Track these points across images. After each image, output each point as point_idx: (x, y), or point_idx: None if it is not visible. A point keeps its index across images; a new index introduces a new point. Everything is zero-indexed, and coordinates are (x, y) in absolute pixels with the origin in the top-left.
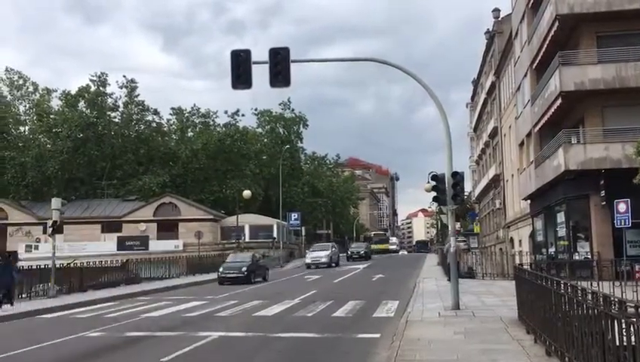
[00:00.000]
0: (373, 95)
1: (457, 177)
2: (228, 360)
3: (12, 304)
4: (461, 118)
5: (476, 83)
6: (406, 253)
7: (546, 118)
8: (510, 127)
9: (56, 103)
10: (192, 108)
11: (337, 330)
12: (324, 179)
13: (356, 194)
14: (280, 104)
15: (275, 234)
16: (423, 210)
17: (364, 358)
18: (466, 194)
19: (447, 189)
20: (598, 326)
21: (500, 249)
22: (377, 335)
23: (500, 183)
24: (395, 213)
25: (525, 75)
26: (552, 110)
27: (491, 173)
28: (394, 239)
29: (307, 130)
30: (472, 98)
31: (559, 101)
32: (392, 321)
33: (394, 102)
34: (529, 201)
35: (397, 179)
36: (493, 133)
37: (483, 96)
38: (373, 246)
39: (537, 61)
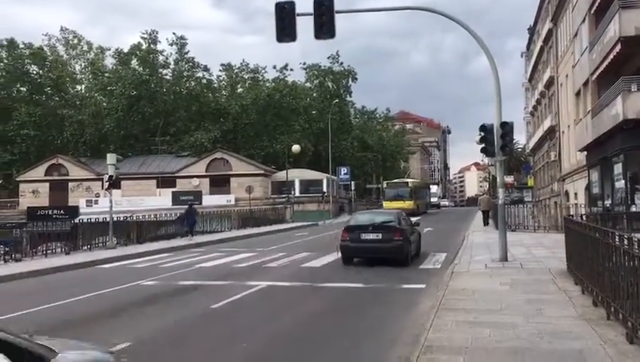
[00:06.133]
0: (427, 46)
1: (506, 127)
2: (275, 307)
3: (192, 236)
4: (518, 68)
5: (532, 31)
6: (447, 203)
7: (604, 65)
8: (567, 76)
9: (110, 62)
10: (241, 64)
11: (383, 281)
12: (374, 133)
13: (407, 148)
14: (329, 57)
15: (325, 189)
16: (476, 164)
17: (408, 307)
18: (520, 146)
19: (495, 140)
20: None
21: (555, 202)
22: (423, 286)
23: (556, 135)
24: (446, 167)
25: (583, 21)
26: (611, 57)
27: (546, 124)
28: (434, 188)
29: (358, 84)
30: (528, 47)
31: (618, 47)
32: (439, 273)
33: (448, 52)
34: (585, 153)
35: (449, 132)
36: (549, 83)
37: (539, 44)
38: (386, 204)
39: (596, 5)
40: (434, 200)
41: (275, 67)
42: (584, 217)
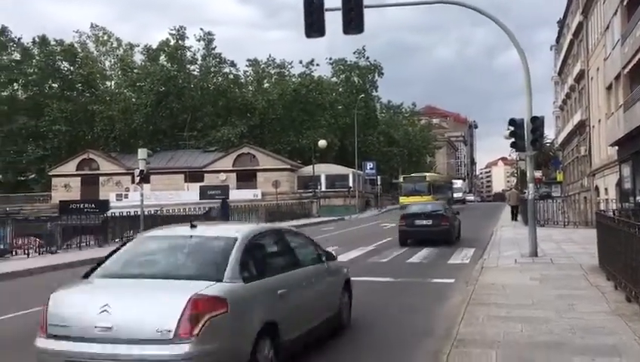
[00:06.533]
0: (455, 40)
1: (537, 122)
2: None
3: None
4: (547, 62)
5: (562, 23)
6: (472, 198)
7: (636, 58)
8: (598, 69)
9: (138, 58)
10: (267, 59)
11: (412, 275)
12: (400, 128)
13: (433, 143)
14: (354, 52)
15: (351, 184)
16: (503, 159)
17: (438, 301)
18: (549, 141)
19: (525, 134)
20: None
21: (585, 197)
22: (452, 281)
23: (586, 129)
24: (473, 162)
25: (615, 13)
26: None
27: (576, 118)
28: (458, 183)
29: (384, 79)
30: (557, 40)
31: None
32: (467, 267)
33: (477, 47)
34: (616, 148)
35: (476, 127)
36: (579, 77)
37: (569, 37)
38: (402, 200)
39: None
40: (458, 195)
41: (301, 62)
42: (616, 212)
